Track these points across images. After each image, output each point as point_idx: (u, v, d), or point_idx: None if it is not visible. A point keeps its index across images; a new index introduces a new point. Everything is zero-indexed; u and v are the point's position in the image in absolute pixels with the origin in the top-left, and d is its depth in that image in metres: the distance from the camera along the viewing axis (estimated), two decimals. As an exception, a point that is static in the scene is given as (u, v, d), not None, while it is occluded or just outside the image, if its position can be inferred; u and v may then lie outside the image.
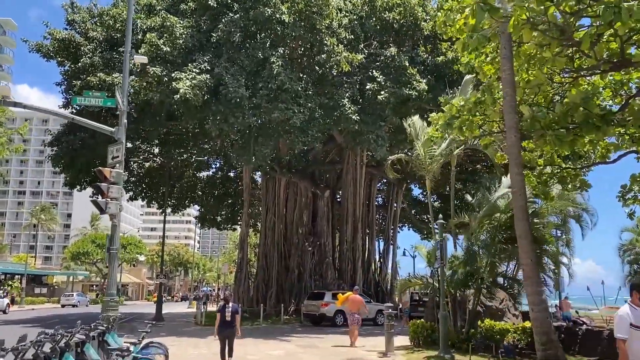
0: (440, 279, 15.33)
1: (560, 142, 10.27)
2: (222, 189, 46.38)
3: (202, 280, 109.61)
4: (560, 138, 10.26)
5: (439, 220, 16.69)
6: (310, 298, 31.19)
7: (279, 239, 36.84)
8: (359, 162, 36.28)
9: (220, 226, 48.89)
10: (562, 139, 10.28)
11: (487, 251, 16.97)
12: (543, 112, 11.15)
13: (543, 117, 10.94)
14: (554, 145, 10.38)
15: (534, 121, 10.89)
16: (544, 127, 10.90)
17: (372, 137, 25.87)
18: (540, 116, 10.88)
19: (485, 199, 19.65)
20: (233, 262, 61.81)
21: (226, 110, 24.97)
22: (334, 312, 29.26)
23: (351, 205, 36.60)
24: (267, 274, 36.83)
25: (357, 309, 20.09)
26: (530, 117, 10.91)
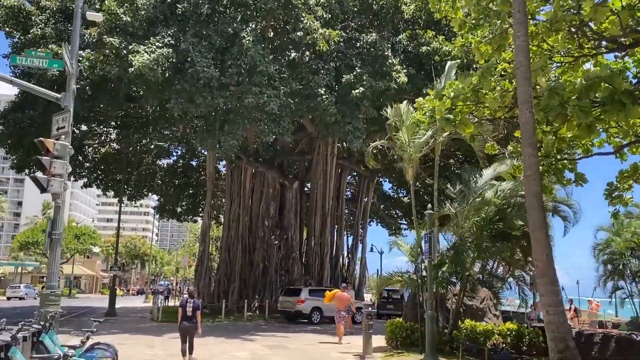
0: (429, 275, 13.82)
1: (585, 115, 8.81)
2: (183, 178, 44.03)
3: (159, 273, 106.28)
4: (585, 110, 8.79)
5: (427, 211, 15.19)
6: (286, 294, 29.64)
7: (244, 231, 34.89)
8: (329, 153, 34.64)
9: (181, 217, 46.50)
10: (586, 111, 8.82)
11: (476, 246, 15.55)
12: (562, 83, 9.70)
13: (562, 89, 9.47)
14: (577, 118, 8.91)
15: (552, 94, 9.40)
16: (564, 101, 9.42)
17: (349, 128, 24.21)
18: (559, 87, 9.40)
19: (469, 191, 18.27)
20: (193, 255, 59.41)
21: (192, 89, 22.96)
22: (311, 309, 27.95)
23: (320, 198, 34.94)
24: (229, 268, 34.86)
25: (344, 306, 19.77)
26: (547, 88, 9.43)
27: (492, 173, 18.46)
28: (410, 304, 18.09)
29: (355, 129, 24.16)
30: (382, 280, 17.17)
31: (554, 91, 9.52)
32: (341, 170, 37.55)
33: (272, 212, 34.98)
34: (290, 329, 25.24)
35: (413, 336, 17.17)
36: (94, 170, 39.48)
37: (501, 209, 16.66)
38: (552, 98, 9.56)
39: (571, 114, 9.25)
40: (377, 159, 38.70)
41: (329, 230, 35.12)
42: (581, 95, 9.64)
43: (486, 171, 18.67)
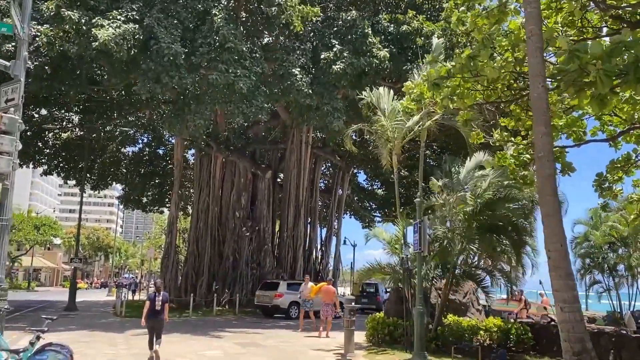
0: (418, 267, 12.76)
1: (609, 81, 7.80)
2: (149, 167, 42.23)
3: (124, 266, 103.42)
4: (610, 75, 7.78)
5: (417, 199, 14.14)
6: (263, 288, 28.39)
7: (213, 222, 33.43)
8: (304, 142, 33.39)
9: (146, 208, 44.62)
10: (610, 76, 7.80)
11: (466, 238, 14.57)
12: (585, 44, 8.68)
13: (585, 51, 8.43)
14: (600, 84, 7.87)
15: (571, 57, 8.35)
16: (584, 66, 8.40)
17: (327, 109, 22.95)
18: (581, 48, 8.36)
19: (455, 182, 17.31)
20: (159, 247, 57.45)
21: (158, 68, 21.43)
22: (289, 303, 26.98)
23: (294, 189, 33.70)
24: (197, 261, 33.38)
25: (330, 300, 19.76)
26: (568, 50, 8.39)
27: (476, 162, 17.57)
28: (393, 298, 17.05)
29: (335, 110, 22.94)
30: (363, 273, 16.10)
31: (574, 53, 8.48)
32: (315, 161, 36.37)
33: (243, 202, 33.58)
34: (263, 325, 24.02)
35: (396, 332, 16.17)
36: (54, 157, 37.41)
37: (490, 200, 15.73)
38: (571, 61, 8.53)
39: (594, 78, 8.24)
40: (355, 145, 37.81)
41: (302, 222, 33.92)
42: (602, 60, 8.69)
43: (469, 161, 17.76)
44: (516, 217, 15.36)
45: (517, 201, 15.47)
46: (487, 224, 15.39)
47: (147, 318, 12.53)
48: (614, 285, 27.90)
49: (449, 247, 15.24)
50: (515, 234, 15.99)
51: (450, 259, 15.32)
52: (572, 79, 8.86)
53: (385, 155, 17.57)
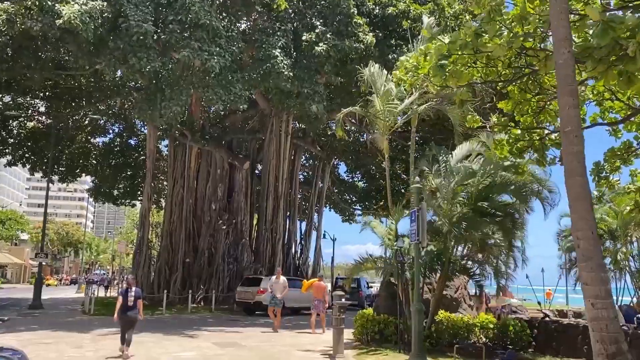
0: (416, 260, 11.63)
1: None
2: (120, 158, 40.43)
3: (95, 262, 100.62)
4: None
5: (414, 184, 13.03)
6: (245, 284, 26.98)
7: (188, 215, 31.96)
8: (283, 131, 32.09)
9: (117, 201, 42.76)
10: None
11: (468, 226, 13.49)
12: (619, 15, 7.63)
13: (620, 22, 7.39)
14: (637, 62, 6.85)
15: (605, 29, 7.31)
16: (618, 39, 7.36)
17: (307, 92, 21.66)
18: (616, 19, 7.32)
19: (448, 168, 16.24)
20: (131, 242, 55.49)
21: (126, 48, 19.96)
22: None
23: (273, 180, 32.41)
24: (171, 256, 31.90)
25: (321, 296, 19.56)
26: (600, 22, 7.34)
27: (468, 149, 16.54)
28: (384, 294, 15.93)
29: (315, 92, 21.67)
30: (354, 268, 14.96)
31: (608, 25, 7.43)
32: (295, 151, 35.11)
33: (219, 194, 32.16)
34: (242, 323, 22.73)
35: (387, 331, 15.05)
36: (19, 147, 35.48)
37: (488, 186, 14.72)
38: (605, 35, 7.49)
39: (632, 53, 7.20)
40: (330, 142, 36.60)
41: (282, 214, 32.65)
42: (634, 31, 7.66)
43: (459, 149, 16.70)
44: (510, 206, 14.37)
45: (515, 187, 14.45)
46: (485, 212, 14.37)
47: (120, 314, 12.21)
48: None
49: (447, 236, 14.19)
50: (510, 223, 15.03)
51: (445, 251, 14.27)
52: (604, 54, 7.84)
53: (381, 140, 16.43)
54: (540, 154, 13.13)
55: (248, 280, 26.90)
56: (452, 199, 14.44)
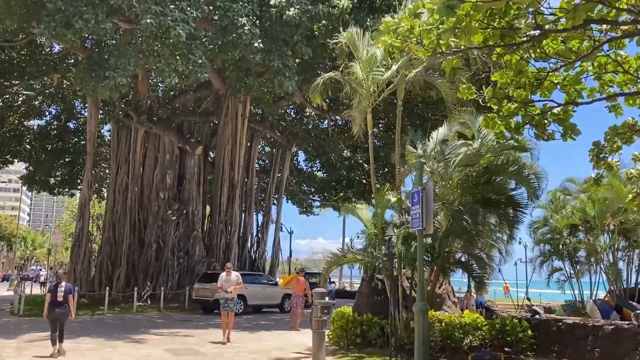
0: (419, 250, 9.56)
1: None
2: (58, 142, 36.82)
3: (30, 257, 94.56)
4: None
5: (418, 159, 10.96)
6: (202, 280, 24.34)
7: (133, 205, 28.99)
8: (240, 114, 29.55)
9: (54, 190, 39.01)
10: None
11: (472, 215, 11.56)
12: None
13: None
14: None
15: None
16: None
17: (277, 65, 19.24)
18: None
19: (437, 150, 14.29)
20: (70, 235, 51.47)
21: (69, 10, 17.11)
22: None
23: (228, 168, 29.84)
24: (114, 250, 28.89)
25: (300, 292, 18.74)
26: None
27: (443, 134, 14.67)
28: (366, 290, 13.83)
29: (286, 67, 19.29)
30: (332, 261, 12.79)
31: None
32: (252, 137, 32.58)
33: (169, 182, 29.32)
34: (196, 324, 20.25)
35: (371, 333, 13.00)
36: (-61, 128, 31.57)
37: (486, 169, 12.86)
38: None
39: None
40: (294, 121, 34.22)
41: (237, 205, 30.13)
42: None
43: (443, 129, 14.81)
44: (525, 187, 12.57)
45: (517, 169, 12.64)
46: (486, 200, 12.51)
47: (49, 310, 11.63)
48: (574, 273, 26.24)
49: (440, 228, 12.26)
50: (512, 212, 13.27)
51: (443, 243, 12.31)
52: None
53: (360, 114, 14.31)
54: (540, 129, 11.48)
55: (206, 276, 24.41)
56: (451, 184, 12.50)
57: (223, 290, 15.09)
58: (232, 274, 15.42)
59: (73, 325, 18.99)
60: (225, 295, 14.99)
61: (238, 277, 15.47)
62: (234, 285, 15.12)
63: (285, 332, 18.34)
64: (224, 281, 15.24)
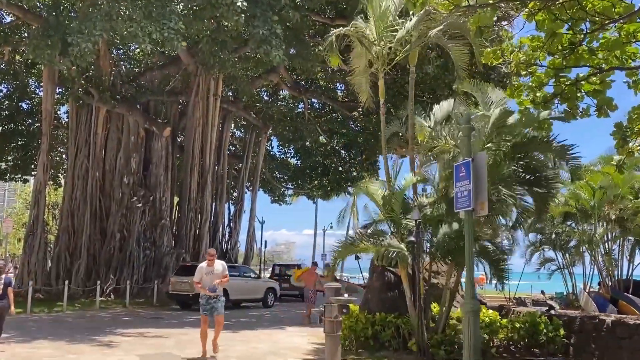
0: (468, 235, 7.75)
1: None
2: (9, 124, 33.65)
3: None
4: None
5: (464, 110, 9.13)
6: (181, 273, 22.12)
7: (94, 191, 26.45)
8: (212, 93, 27.28)
9: (6, 176, 35.78)
10: None
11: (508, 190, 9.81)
12: None
13: None
14: None
15: None
16: None
17: (263, 33, 17.09)
18: None
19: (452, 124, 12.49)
20: (23, 225, 48.05)
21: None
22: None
23: (198, 152, 27.59)
24: (73, 240, 26.33)
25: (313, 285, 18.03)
26: None
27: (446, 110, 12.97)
28: (378, 284, 12.00)
29: (272, 34, 17.16)
30: (341, 251, 10.87)
31: None
32: (224, 119, 30.31)
33: (133, 166, 26.86)
34: (167, 321, 18.09)
35: (384, 334, 11.20)
36: None
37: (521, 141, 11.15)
38: None
39: None
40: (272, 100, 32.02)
41: (209, 192, 27.91)
42: None
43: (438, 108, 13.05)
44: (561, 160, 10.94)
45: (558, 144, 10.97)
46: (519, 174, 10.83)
47: None
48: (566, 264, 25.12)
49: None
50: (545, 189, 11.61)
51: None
52: None
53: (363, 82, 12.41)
54: (571, 103, 9.92)
55: (184, 269, 22.24)
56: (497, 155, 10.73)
57: (204, 286, 10.93)
58: (217, 264, 11.15)
59: (28, 324, 16.65)
60: (209, 292, 10.89)
61: (224, 267, 11.30)
62: (220, 279, 11.02)
63: (272, 331, 16.42)
64: (205, 273, 11.02)
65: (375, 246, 10.18)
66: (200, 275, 11.02)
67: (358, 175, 35.31)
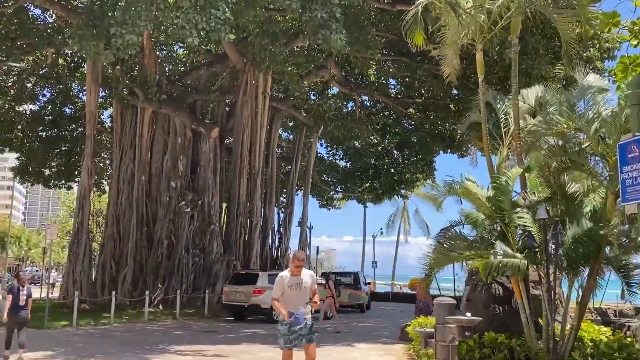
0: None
1: None
2: (52, 129, 32.96)
3: (25, 257, 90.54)
4: None
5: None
6: (235, 282, 20.81)
7: (140, 196, 25.25)
8: (261, 91, 25.79)
9: (49, 182, 35.11)
10: None
11: None
12: None
13: None
14: None
15: None
16: None
17: (322, 17, 15.37)
18: None
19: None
20: (67, 233, 47.60)
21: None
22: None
23: (247, 152, 26.10)
24: (119, 248, 25.20)
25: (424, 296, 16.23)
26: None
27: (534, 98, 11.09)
28: (482, 298, 10.06)
29: (332, 19, 15.40)
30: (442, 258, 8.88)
31: None
32: (272, 118, 28.79)
33: (181, 169, 25.57)
34: (223, 336, 16.50)
35: (494, 359, 9.28)
36: None
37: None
38: None
39: None
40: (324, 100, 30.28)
41: (259, 195, 26.38)
42: None
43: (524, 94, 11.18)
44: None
45: None
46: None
47: (11, 314, 10.98)
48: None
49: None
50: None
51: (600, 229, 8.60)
52: None
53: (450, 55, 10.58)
54: None
55: (239, 277, 20.76)
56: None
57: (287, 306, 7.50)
58: (305, 274, 7.74)
59: (74, 339, 15.36)
60: (297, 316, 7.40)
61: (313, 278, 7.87)
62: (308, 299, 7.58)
63: (342, 348, 14.64)
64: (289, 286, 7.57)
65: (483, 257, 8.28)
66: (281, 290, 7.59)
67: (412, 176, 33.39)
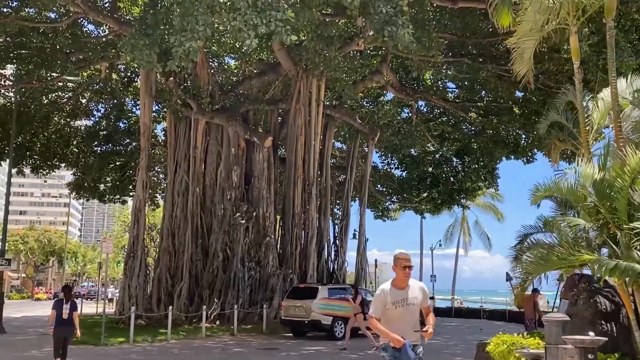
0: None
1: None
2: (107, 144, 33.20)
3: (81, 273, 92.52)
4: None
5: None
6: (294, 296, 20.10)
7: (195, 209, 24.81)
8: (314, 99, 25.05)
9: (105, 197, 35.31)
10: None
11: None
12: None
13: None
14: None
15: None
16: None
17: (388, 12, 14.41)
18: None
19: None
20: (122, 248, 48.04)
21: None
22: (333, 317, 19.12)
23: (300, 162, 25.35)
24: (174, 262, 24.76)
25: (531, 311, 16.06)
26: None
27: None
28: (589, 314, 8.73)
29: (399, 13, 14.43)
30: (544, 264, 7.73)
31: None
32: (326, 126, 27.99)
33: (235, 180, 25.03)
34: (285, 354, 15.61)
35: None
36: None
37: None
38: None
39: None
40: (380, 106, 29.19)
41: (314, 206, 25.53)
42: None
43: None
44: None
45: None
46: None
47: (56, 327, 11.10)
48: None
49: None
50: None
51: None
52: None
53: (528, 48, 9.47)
54: None
55: (298, 291, 19.99)
56: None
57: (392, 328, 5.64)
58: (414, 286, 5.86)
59: (131, 356, 14.81)
60: (407, 343, 5.55)
61: (425, 293, 5.98)
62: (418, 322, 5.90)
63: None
64: (394, 302, 5.73)
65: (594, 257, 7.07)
66: (383, 307, 5.75)
67: (474, 185, 31.98)
